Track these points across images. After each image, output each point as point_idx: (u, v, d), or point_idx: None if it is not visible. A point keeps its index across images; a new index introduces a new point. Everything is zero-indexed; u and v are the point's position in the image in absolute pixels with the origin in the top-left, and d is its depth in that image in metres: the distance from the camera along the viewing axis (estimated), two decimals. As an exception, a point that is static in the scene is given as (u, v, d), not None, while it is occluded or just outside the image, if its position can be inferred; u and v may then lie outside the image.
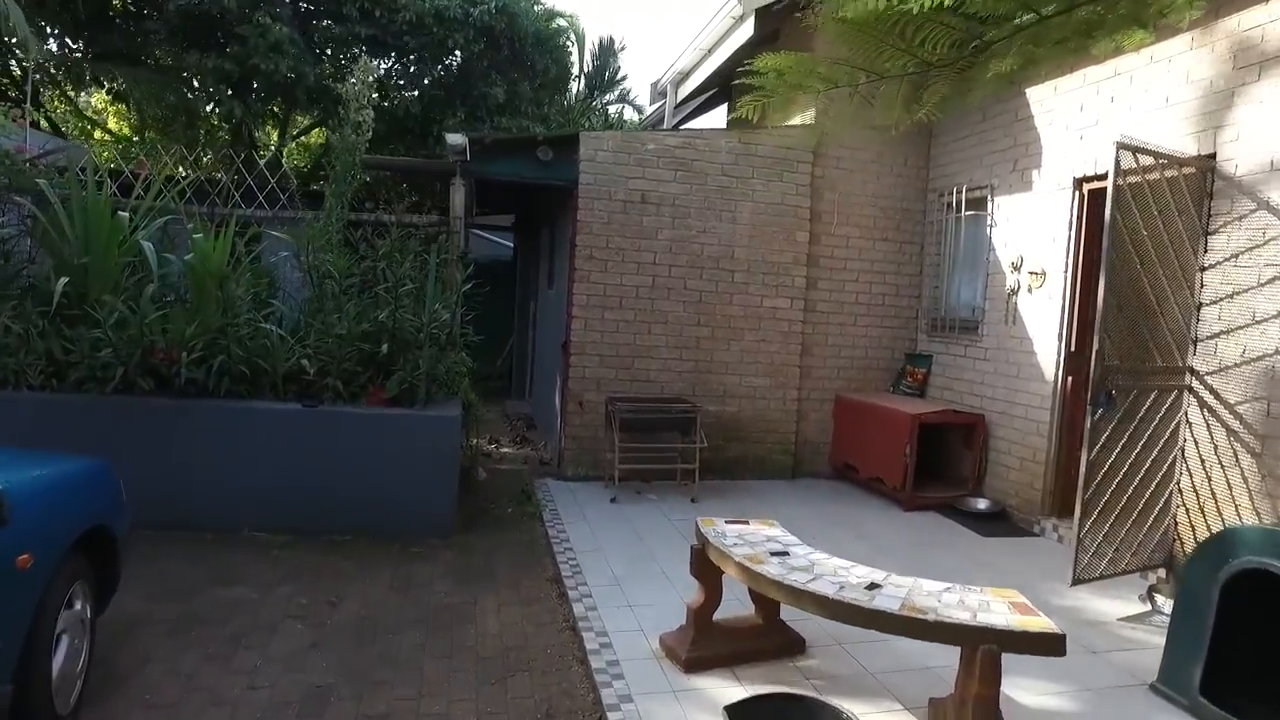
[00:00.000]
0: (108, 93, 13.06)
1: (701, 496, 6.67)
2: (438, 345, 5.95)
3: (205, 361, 5.29)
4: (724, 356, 7.36)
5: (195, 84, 11.19)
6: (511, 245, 13.70)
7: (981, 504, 6.61)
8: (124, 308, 5.28)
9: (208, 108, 11.38)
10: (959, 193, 7.26)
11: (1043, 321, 6.24)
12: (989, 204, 6.91)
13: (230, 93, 10.75)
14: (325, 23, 11.65)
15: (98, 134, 16.34)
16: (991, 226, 6.89)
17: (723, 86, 9.70)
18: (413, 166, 6.94)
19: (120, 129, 16.29)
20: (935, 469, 7.07)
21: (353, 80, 6.59)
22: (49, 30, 11.50)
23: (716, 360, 7.34)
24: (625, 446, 6.52)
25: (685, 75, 9.49)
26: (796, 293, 7.49)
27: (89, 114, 16.67)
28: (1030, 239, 6.40)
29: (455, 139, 6.62)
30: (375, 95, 13.00)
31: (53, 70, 12.60)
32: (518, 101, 12.84)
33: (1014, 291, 6.55)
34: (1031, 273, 6.34)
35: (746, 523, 3.94)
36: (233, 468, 5.29)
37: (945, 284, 7.64)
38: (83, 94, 15.37)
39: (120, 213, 5.55)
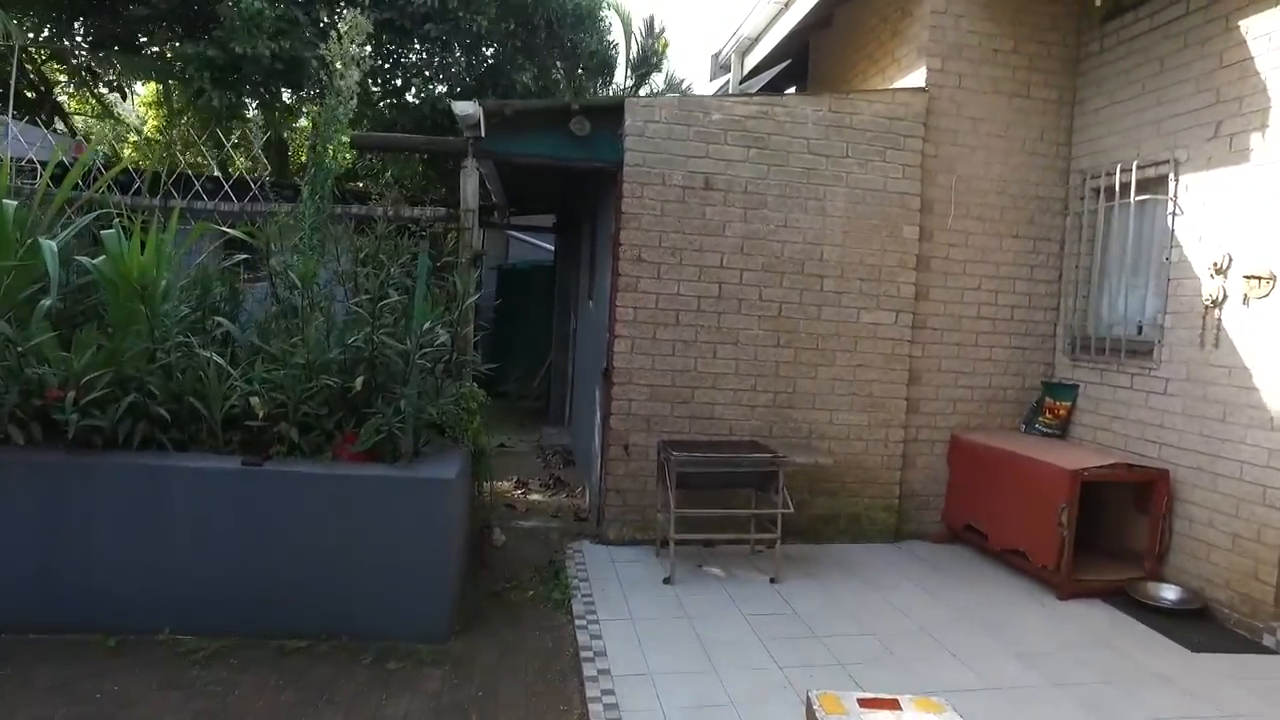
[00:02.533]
0: (108, 86, 11.98)
1: (784, 571, 5.05)
2: (432, 376, 4.46)
3: (112, 402, 3.88)
4: (810, 386, 5.73)
5: (185, 74, 9.89)
6: (553, 249, 12.25)
7: (1169, 594, 4.86)
8: (6, 329, 3.89)
9: (193, 99, 10.09)
10: (1119, 173, 5.52)
11: (1270, 344, 4.49)
12: (1171, 185, 5.16)
13: (213, 81, 9.30)
14: (339, 6, 10.32)
15: (131, 135, 15.41)
16: (1174, 215, 5.14)
17: (800, 57, 8.07)
18: (413, 145, 5.52)
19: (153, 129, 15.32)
20: (1090, 534, 5.33)
21: (342, 27, 5.13)
22: (33, 17, 10.41)
23: (801, 391, 5.72)
24: (684, 509, 4.95)
25: (753, 42, 7.90)
26: (903, 304, 5.83)
27: (118, 114, 15.74)
28: (1246, 231, 4.65)
29: (464, 108, 5.13)
30: (400, 83, 11.82)
31: (59, 65, 11.62)
32: (551, 88, 11.35)
33: (1215, 303, 4.80)
34: (1250, 277, 4.59)
35: (897, 707, 2.32)
36: (149, 546, 3.86)
37: (1096, 293, 5.90)
38: (109, 92, 14.44)
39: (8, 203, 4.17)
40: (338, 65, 5.10)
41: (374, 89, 11.22)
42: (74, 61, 11.14)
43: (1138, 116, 5.41)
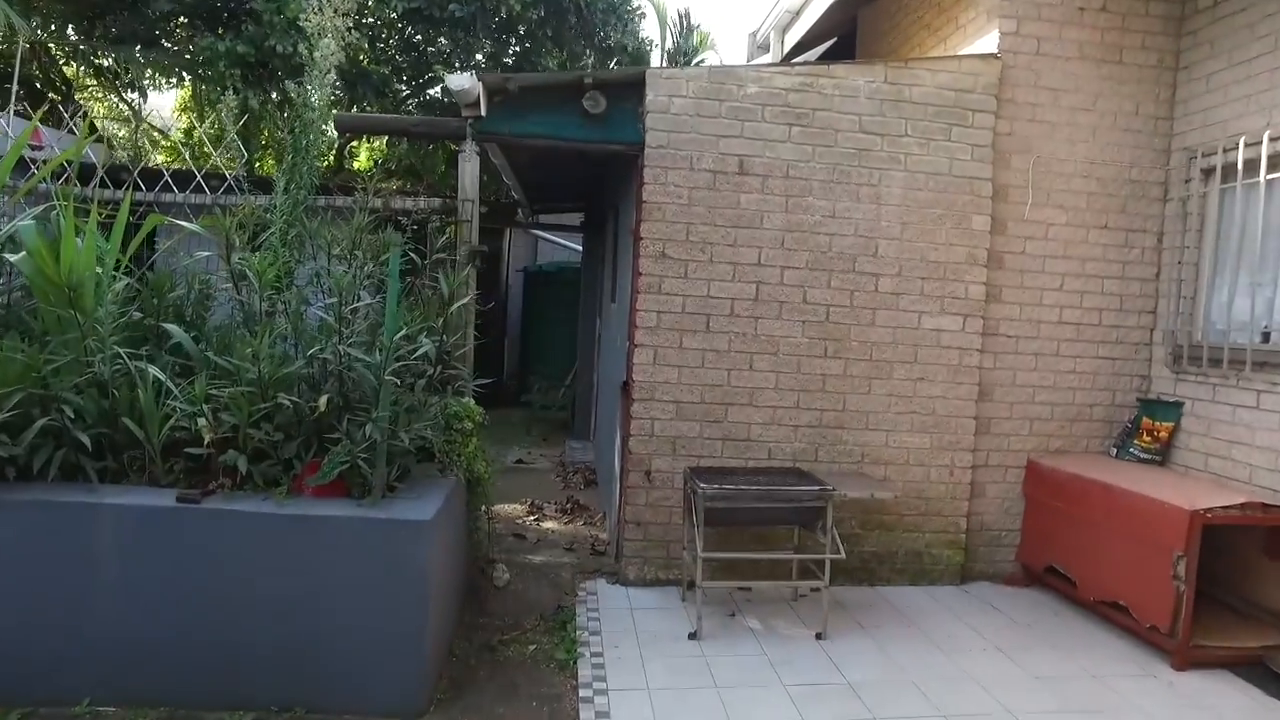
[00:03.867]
0: (131, 87, 11.62)
1: (832, 623, 4.25)
2: (410, 394, 3.76)
3: (24, 426, 3.25)
4: (862, 403, 4.92)
5: (209, 71, 9.44)
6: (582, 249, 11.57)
7: (1314, 663, 3.97)
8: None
9: (227, 97, 9.66)
10: (1241, 148, 4.62)
11: None
12: (1307, 163, 4.27)
13: (244, 79, 8.90)
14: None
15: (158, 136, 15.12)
16: (1311, 199, 4.25)
17: (847, 33, 7.26)
18: (403, 126, 4.85)
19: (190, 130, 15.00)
20: (1202, 584, 4.42)
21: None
22: (56, 19, 10.09)
23: (851, 409, 4.91)
24: (713, 551, 4.18)
25: (794, 15, 7.10)
26: (971, 307, 4.99)
27: (143, 112, 15.44)
28: None
29: (459, 81, 4.44)
30: (427, 79, 11.24)
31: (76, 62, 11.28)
32: (578, 78, 10.65)
33: (1370, 305, 3.90)
34: None
35: None
36: (64, 599, 3.21)
37: (1207, 293, 5.00)
38: (133, 93, 14.14)
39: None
40: (314, 37, 4.44)
41: (400, 88, 10.68)
42: (94, 61, 10.78)
43: (1269, 78, 4.50)
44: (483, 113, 4.68)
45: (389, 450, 3.48)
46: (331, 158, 12.85)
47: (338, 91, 9.67)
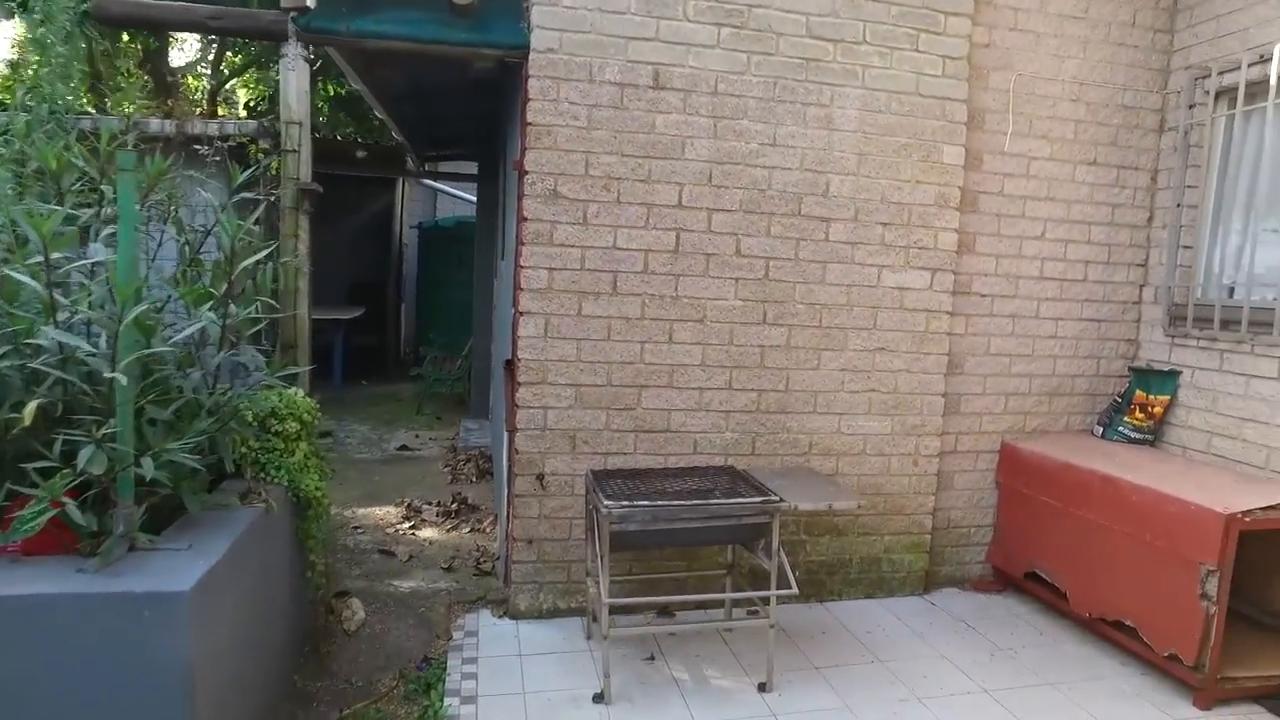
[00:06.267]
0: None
1: (778, 664, 3.31)
2: (175, 393, 2.58)
3: None
4: (810, 381, 3.95)
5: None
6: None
7: (1363, 696, 3.23)
8: None
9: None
10: (1259, 64, 3.77)
11: None
12: (1357, 75, 3.43)
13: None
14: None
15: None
16: (1360, 121, 3.42)
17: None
18: (195, 19, 3.53)
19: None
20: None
21: None
22: None
23: (796, 389, 3.94)
24: (623, 588, 3.18)
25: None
26: (941, 260, 4.06)
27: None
28: None
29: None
30: None
31: None
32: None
33: None
34: None
35: None
36: None
37: (1210, 241, 4.19)
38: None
39: None
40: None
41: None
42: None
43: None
44: (309, 2, 3.45)
45: (131, 481, 2.32)
46: (204, 104, 11.14)
47: None
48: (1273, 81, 3.71)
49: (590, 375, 3.71)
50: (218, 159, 3.54)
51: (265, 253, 2.70)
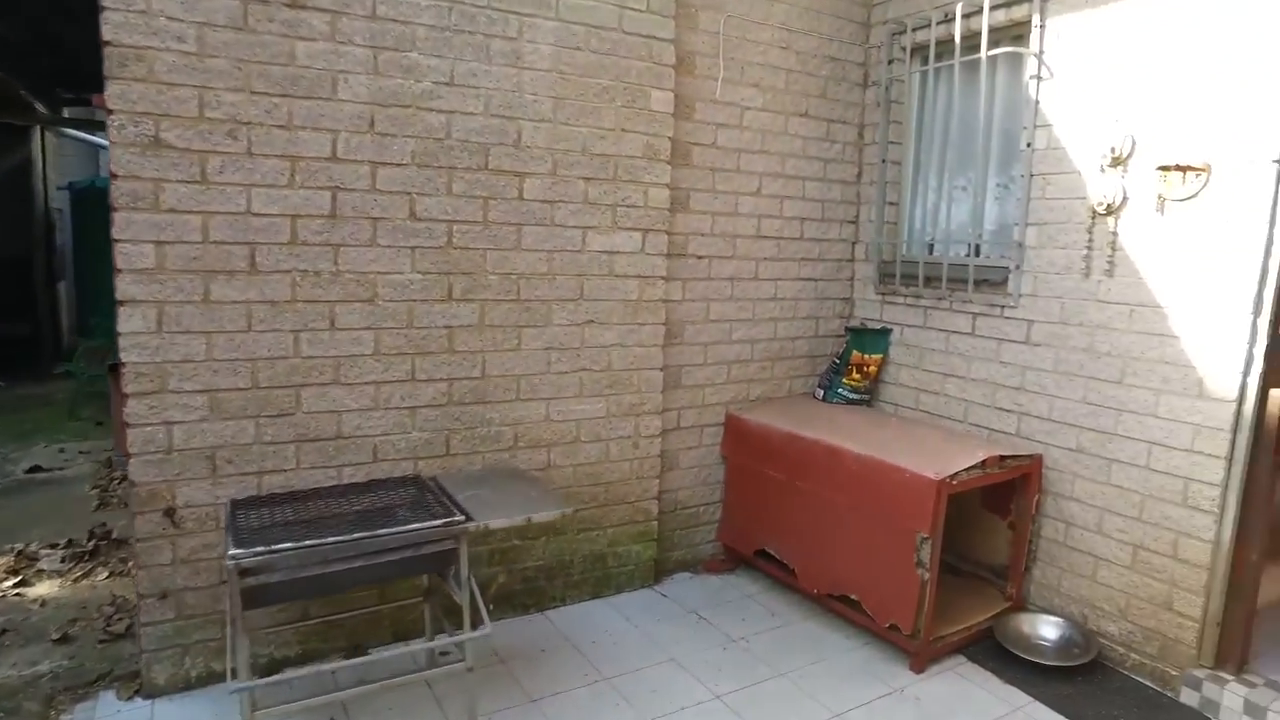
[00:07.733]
0: None
1: (491, 702, 2.78)
2: None
3: None
4: (510, 364, 3.41)
5: None
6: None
7: (1048, 632, 3.35)
8: None
9: None
10: (949, 22, 3.71)
11: (1199, 269, 2.91)
12: (1035, 37, 3.42)
13: None
14: None
15: None
16: (1039, 80, 3.42)
17: None
18: None
19: None
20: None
21: None
22: None
23: (495, 374, 3.38)
24: (292, 623, 2.46)
25: None
26: (653, 219, 3.66)
27: None
28: (1160, 100, 2.99)
29: None
30: None
31: None
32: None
33: (1109, 209, 3.16)
34: (1167, 168, 2.95)
35: None
36: None
37: (910, 198, 4.17)
38: None
39: None
40: None
41: None
42: None
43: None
44: None
45: None
46: None
47: None
48: (957, 40, 3.66)
49: (229, 377, 2.89)
50: None
51: None
